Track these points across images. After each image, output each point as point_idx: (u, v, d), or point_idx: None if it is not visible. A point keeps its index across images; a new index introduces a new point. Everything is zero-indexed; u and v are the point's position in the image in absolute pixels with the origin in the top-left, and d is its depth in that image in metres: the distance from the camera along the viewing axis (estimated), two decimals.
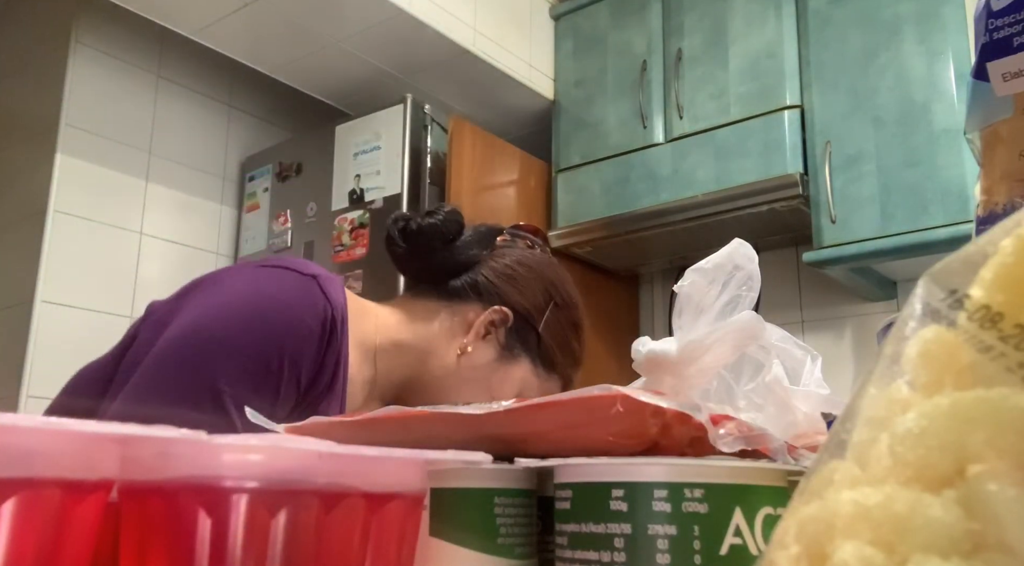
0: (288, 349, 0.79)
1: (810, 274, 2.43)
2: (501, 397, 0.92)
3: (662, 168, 2.38)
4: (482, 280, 0.94)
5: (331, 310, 0.82)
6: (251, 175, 2.62)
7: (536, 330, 0.94)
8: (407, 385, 0.94)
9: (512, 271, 0.95)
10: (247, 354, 0.77)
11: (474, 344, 0.92)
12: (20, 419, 0.25)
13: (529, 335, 0.94)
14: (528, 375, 0.94)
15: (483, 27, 2.49)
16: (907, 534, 0.18)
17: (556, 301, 0.96)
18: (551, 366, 0.96)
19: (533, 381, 0.95)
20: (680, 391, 0.48)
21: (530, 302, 0.94)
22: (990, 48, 0.42)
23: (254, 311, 0.79)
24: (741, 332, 0.47)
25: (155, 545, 0.30)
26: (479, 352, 0.92)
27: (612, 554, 0.35)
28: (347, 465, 0.32)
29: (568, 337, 0.97)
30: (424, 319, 0.94)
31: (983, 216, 0.43)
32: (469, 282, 0.93)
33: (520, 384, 0.94)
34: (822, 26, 2.23)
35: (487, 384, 0.92)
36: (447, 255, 0.93)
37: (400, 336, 0.93)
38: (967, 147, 0.46)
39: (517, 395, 0.94)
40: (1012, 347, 0.19)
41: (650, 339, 0.50)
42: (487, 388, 0.92)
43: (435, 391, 0.92)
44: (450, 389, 0.92)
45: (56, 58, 2.30)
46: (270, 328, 0.78)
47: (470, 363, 0.92)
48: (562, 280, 0.99)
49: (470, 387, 0.92)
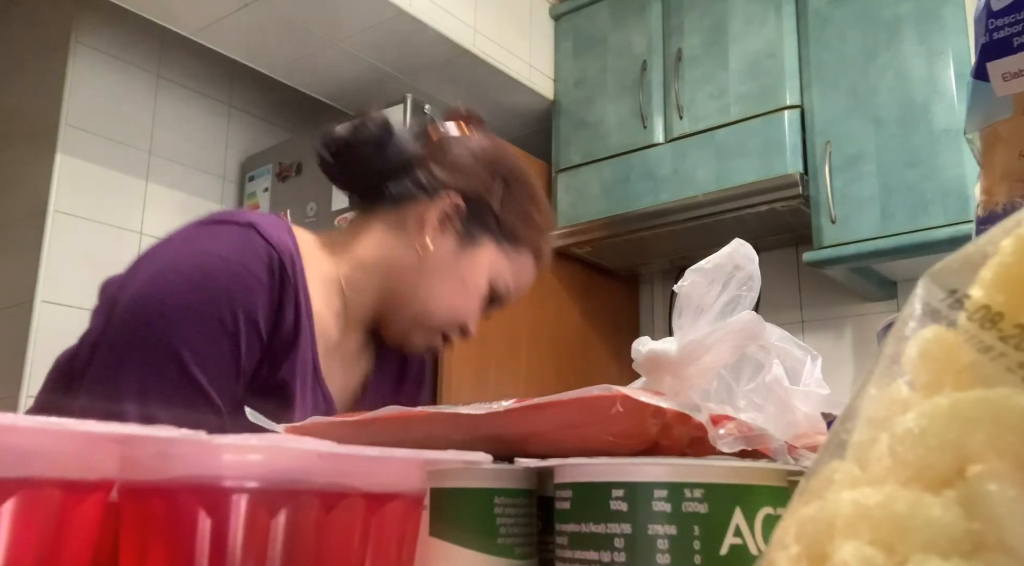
0: (239, 302, 0.77)
1: (810, 274, 2.43)
2: (473, 284, 0.92)
3: (662, 168, 2.38)
4: (424, 175, 0.92)
5: (276, 254, 0.81)
6: (251, 175, 2.62)
7: (491, 209, 0.93)
8: (382, 303, 0.93)
9: (452, 158, 0.93)
10: (199, 315, 0.76)
11: (433, 239, 0.91)
12: (20, 419, 0.25)
13: (486, 217, 0.93)
14: (495, 257, 0.93)
15: (483, 27, 2.49)
16: (907, 534, 0.18)
17: (504, 176, 0.94)
18: (517, 241, 0.95)
19: (502, 261, 0.94)
20: (680, 391, 0.48)
21: (478, 183, 0.93)
22: (990, 48, 0.42)
23: (197, 271, 0.78)
24: (741, 332, 0.47)
25: (155, 545, 0.30)
26: (439, 246, 0.91)
27: (612, 554, 0.35)
28: (347, 465, 0.32)
29: (526, 208, 0.96)
30: (378, 232, 0.93)
31: (983, 216, 0.43)
32: (411, 181, 0.92)
33: (490, 267, 0.93)
34: (822, 26, 2.23)
35: (457, 276, 0.92)
36: (381, 160, 0.92)
37: (360, 257, 0.92)
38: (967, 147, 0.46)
39: (491, 280, 0.94)
40: (1012, 347, 0.19)
41: (650, 339, 0.50)
42: (458, 280, 0.92)
43: (410, 299, 0.92)
44: (421, 291, 0.91)
45: (56, 58, 2.30)
46: (216, 284, 0.77)
47: (433, 259, 0.91)
48: (505, 155, 0.97)
49: (441, 283, 0.91)
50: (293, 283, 0.82)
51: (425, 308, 0.92)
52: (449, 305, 0.92)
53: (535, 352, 2.46)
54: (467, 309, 0.93)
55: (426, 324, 0.93)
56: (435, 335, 0.94)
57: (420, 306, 0.92)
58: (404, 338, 0.95)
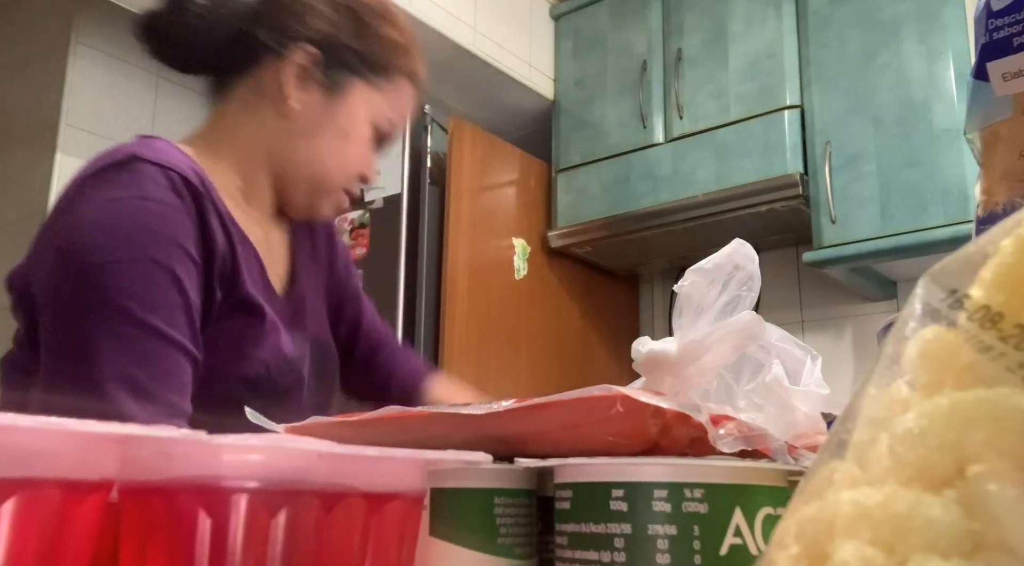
0: (158, 234, 0.73)
1: (810, 274, 2.44)
2: (356, 132, 0.89)
3: (662, 168, 2.38)
4: (264, 35, 0.86)
5: (172, 171, 0.76)
6: None
7: (347, 47, 0.88)
8: (277, 180, 0.89)
9: (288, 6, 0.87)
10: (126, 263, 0.72)
11: (297, 99, 0.86)
12: (20, 419, 0.25)
13: (345, 56, 0.88)
14: (369, 94, 0.89)
15: (483, 27, 2.49)
16: (907, 534, 0.18)
17: (348, 6, 0.89)
18: (385, 70, 0.90)
19: (377, 98, 0.90)
20: (680, 391, 0.48)
21: (324, 24, 0.87)
22: (990, 48, 0.42)
23: (104, 224, 0.74)
24: (741, 332, 0.47)
25: (155, 545, 0.30)
26: (307, 104, 0.87)
27: (612, 554, 0.35)
28: (347, 465, 0.32)
29: (383, 32, 0.90)
30: (240, 112, 0.88)
31: (983, 216, 0.43)
32: (253, 45, 0.86)
33: (367, 107, 0.89)
34: (822, 26, 2.23)
35: (336, 129, 0.88)
36: (212, 30, 0.86)
37: (237, 145, 0.88)
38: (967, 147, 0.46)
39: (372, 121, 0.90)
40: (1012, 347, 0.19)
41: (650, 339, 0.50)
42: (339, 133, 0.88)
43: (298, 168, 0.88)
44: (306, 156, 0.88)
45: (56, 58, 2.30)
46: (129, 227, 0.73)
47: (306, 119, 0.87)
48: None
49: (323, 142, 0.88)
50: (204, 194, 0.77)
51: (317, 172, 0.88)
52: (338, 161, 0.89)
53: (535, 352, 2.46)
54: (358, 159, 0.90)
55: (324, 187, 0.89)
56: (337, 195, 0.91)
57: (311, 171, 0.88)
58: (309, 209, 0.91)
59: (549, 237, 2.56)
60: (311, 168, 0.89)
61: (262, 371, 0.79)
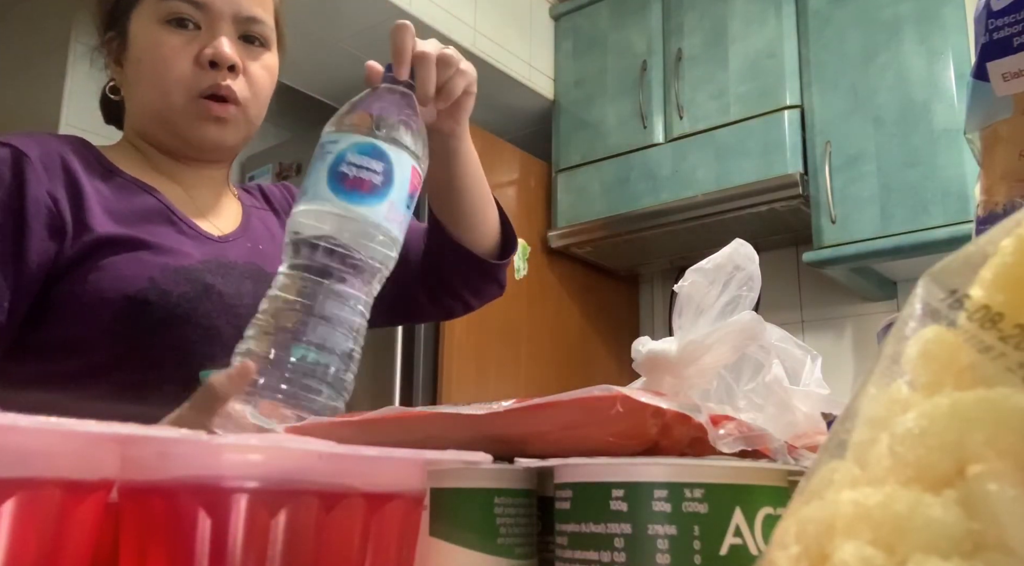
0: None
1: (810, 274, 2.44)
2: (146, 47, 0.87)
3: (662, 168, 2.38)
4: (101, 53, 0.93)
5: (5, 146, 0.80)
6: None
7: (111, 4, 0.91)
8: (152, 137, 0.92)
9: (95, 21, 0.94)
10: None
11: (116, 74, 0.92)
12: (20, 419, 0.25)
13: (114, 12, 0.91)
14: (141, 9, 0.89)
15: (483, 27, 2.49)
16: (907, 534, 0.18)
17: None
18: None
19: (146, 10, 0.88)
20: (680, 391, 0.48)
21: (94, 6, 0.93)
22: (990, 48, 0.42)
23: None
24: (741, 333, 0.47)
25: (155, 545, 0.30)
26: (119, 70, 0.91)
27: (612, 554, 0.35)
28: (347, 465, 0.32)
29: None
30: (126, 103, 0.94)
31: (983, 216, 0.43)
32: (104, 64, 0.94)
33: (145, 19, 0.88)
34: (822, 26, 2.23)
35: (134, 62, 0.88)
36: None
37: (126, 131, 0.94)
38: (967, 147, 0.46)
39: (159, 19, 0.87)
40: (1012, 347, 0.19)
41: (650, 339, 0.50)
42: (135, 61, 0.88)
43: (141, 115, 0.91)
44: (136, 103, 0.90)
45: (56, 58, 2.30)
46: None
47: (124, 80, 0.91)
48: None
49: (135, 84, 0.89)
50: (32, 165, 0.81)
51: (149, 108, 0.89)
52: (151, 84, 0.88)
53: (535, 352, 2.46)
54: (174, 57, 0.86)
55: (167, 112, 0.88)
56: (195, 104, 0.88)
57: (148, 110, 0.90)
58: (189, 134, 0.90)
59: (549, 237, 2.56)
60: (146, 108, 0.90)
61: (145, 284, 0.81)
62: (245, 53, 0.90)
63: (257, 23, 0.91)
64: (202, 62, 0.86)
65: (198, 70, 0.86)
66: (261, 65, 0.93)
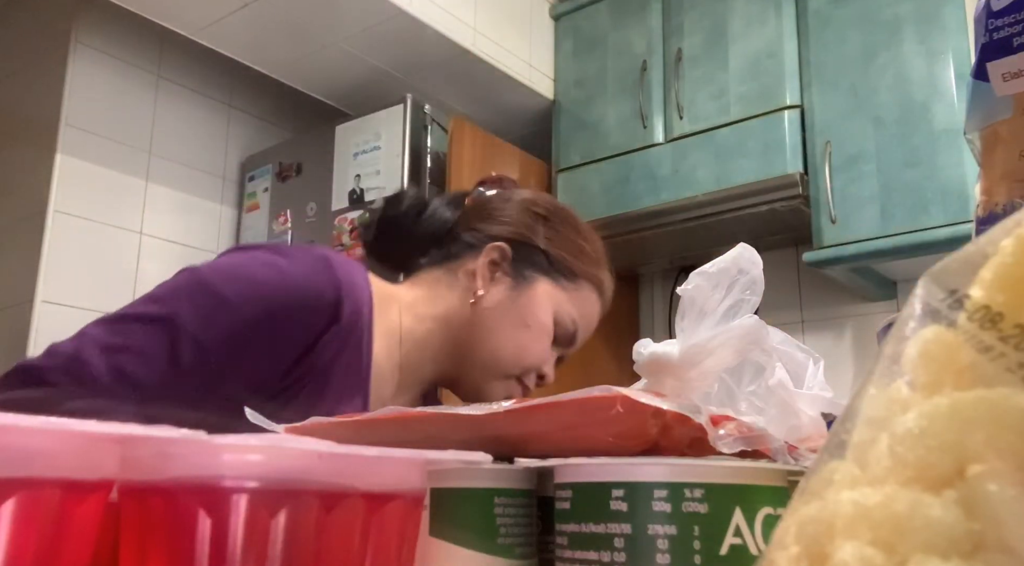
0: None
1: (810, 274, 2.43)
2: (536, 322, 0.91)
3: (662, 168, 2.38)
4: (465, 233, 0.94)
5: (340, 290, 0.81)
6: (251, 175, 2.62)
7: (538, 248, 0.93)
8: (447, 360, 0.92)
9: (489, 209, 0.96)
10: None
11: (485, 288, 0.91)
12: (20, 419, 0.25)
13: (535, 256, 0.93)
14: (552, 290, 0.93)
15: (483, 27, 2.49)
16: (907, 534, 0.18)
17: (544, 215, 0.96)
18: (572, 274, 0.95)
19: (561, 295, 0.93)
20: (681, 394, 0.48)
21: (520, 226, 0.94)
22: (990, 48, 0.42)
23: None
24: (744, 337, 0.47)
25: (155, 545, 0.30)
26: (492, 294, 0.91)
27: (612, 554, 0.35)
28: (347, 465, 0.32)
29: (573, 240, 0.97)
30: (432, 287, 0.94)
31: (983, 216, 0.43)
32: (454, 239, 0.94)
33: (548, 301, 0.92)
34: (822, 26, 2.23)
35: (517, 317, 0.91)
36: (421, 230, 0.95)
37: (418, 311, 0.92)
38: (967, 147, 0.46)
39: (554, 315, 0.92)
40: (1012, 347, 0.19)
41: (652, 341, 0.50)
42: (519, 321, 0.91)
43: (474, 350, 0.91)
44: (484, 340, 0.91)
45: (56, 58, 2.30)
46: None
47: (489, 307, 0.91)
48: (541, 197, 1.00)
49: (502, 328, 0.91)
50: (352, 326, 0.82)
51: (492, 356, 0.91)
52: (514, 348, 0.91)
53: None
54: (535, 349, 0.92)
55: (497, 372, 0.91)
56: (510, 384, 0.92)
57: (486, 355, 0.91)
58: (478, 392, 0.93)
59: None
60: (488, 353, 0.91)
61: None
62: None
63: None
64: (541, 370, 0.93)
65: (531, 369, 0.93)
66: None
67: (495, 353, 0.91)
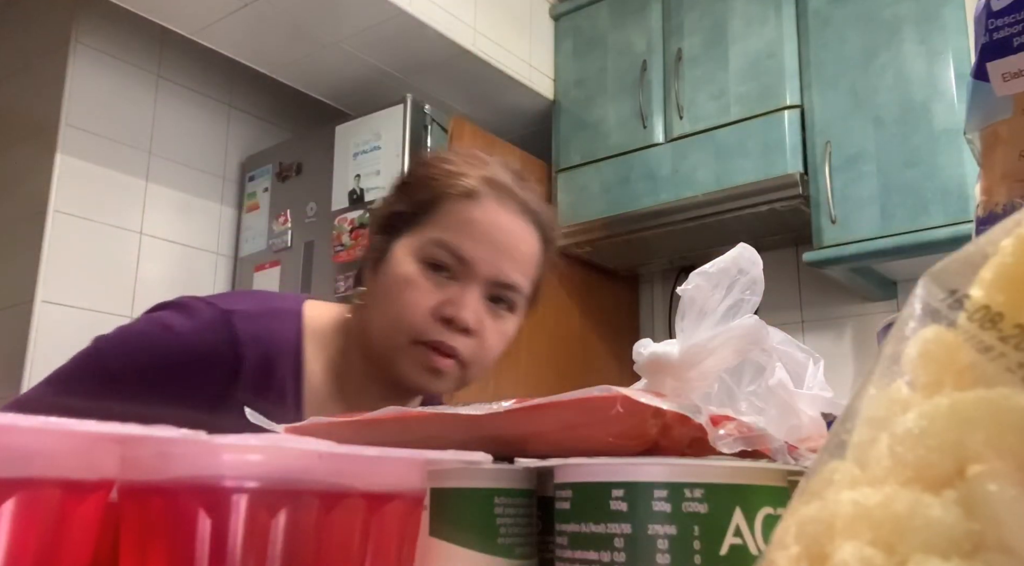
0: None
1: (810, 274, 2.43)
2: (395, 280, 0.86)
3: (662, 168, 2.38)
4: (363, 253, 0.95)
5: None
6: (251, 175, 2.62)
7: (397, 214, 0.89)
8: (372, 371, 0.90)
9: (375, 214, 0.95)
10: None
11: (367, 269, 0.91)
12: (20, 419, 0.25)
13: (395, 225, 0.89)
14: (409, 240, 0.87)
15: (483, 27, 2.49)
16: (907, 534, 0.18)
17: (400, 181, 0.93)
18: (428, 208, 0.87)
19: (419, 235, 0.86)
20: (681, 394, 0.48)
21: (384, 209, 0.92)
22: (990, 48, 0.42)
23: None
24: (744, 337, 0.47)
25: (155, 545, 0.30)
26: (369, 287, 0.89)
27: (612, 554, 0.35)
28: (347, 465, 0.32)
29: (422, 176, 0.90)
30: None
31: (983, 216, 0.43)
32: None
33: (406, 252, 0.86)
34: (822, 26, 2.22)
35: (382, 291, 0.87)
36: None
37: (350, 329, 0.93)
38: (967, 147, 0.46)
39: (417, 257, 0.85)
40: (1012, 347, 0.19)
41: (652, 341, 0.50)
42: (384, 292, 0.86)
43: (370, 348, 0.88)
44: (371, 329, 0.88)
45: (56, 58, 2.30)
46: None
47: (370, 292, 0.89)
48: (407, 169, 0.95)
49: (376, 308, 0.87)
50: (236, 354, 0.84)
51: (379, 340, 0.86)
52: (388, 321, 0.85)
53: (535, 352, 2.46)
54: (408, 302, 0.84)
55: (395, 347, 0.85)
56: (417, 350, 0.85)
57: (377, 338, 0.87)
58: (402, 373, 0.87)
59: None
60: (378, 336, 0.87)
61: None
62: (488, 313, 0.87)
63: (512, 289, 0.88)
64: (439, 314, 0.84)
65: (432, 320, 0.84)
66: (499, 329, 0.89)
67: (378, 336, 0.86)
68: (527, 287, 0.90)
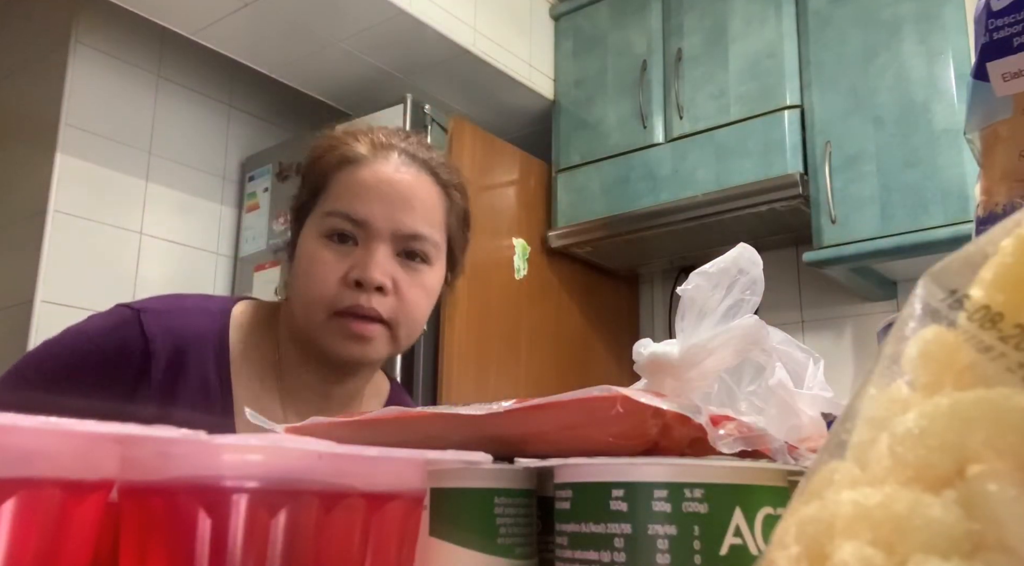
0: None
1: (810, 274, 2.43)
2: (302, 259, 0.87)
3: (662, 168, 2.38)
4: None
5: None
6: (251, 175, 2.62)
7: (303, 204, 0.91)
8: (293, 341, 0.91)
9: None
10: None
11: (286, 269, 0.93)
12: (20, 419, 0.25)
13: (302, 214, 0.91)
14: (311, 220, 0.88)
15: (483, 27, 2.49)
16: (907, 534, 0.18)
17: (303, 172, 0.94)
18: (321, 185, 0.89)
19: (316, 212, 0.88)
20: (681, 394, 0.48)
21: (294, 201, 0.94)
22: (990, 48, 0.42)
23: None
24: (744, 337, 0.47)
25: (155, 545, 0.30)
26: (289, 273, 0.91)
27: (612, 554, 0.35)
28: (347, 465, 0.32)
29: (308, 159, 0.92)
30: None
31: (983, 216, 0.43)
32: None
33: (310, 232, 0.88)
34: (822, 26, 2.23)
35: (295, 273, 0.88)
36: None
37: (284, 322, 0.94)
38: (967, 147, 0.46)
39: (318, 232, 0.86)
40: (1012, 347, 0.19)
41: (652, 341, 0.50)
42: (297, 274, 0.88)
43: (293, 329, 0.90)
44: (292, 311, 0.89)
45: (56, 58, 2.30)
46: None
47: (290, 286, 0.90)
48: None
49: (292, 291, 0.89)
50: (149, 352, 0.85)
51: (298, 322, 0.88)
52: (303, 299, 0.86)
53: (535, 352, 2.46)
54: (316, 275, 0.85)
55: (317, 320, 0.86)
56: (337, 321, 0.85)
57: (300, 314, 0.88)
58: (330, 349, 0.87)
59: (549, 237, 2.56)
60: (300, 324, 0.88)
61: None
62: (403, 270, 0.87)
63: (419, 240, 0.87)
64: (348, 281, 0.84)
65: (343, 288, 0.84)
66: (417, 283, 0.88)
67: (302, 314, 0.87)
68: (436, 235, 0.90)
